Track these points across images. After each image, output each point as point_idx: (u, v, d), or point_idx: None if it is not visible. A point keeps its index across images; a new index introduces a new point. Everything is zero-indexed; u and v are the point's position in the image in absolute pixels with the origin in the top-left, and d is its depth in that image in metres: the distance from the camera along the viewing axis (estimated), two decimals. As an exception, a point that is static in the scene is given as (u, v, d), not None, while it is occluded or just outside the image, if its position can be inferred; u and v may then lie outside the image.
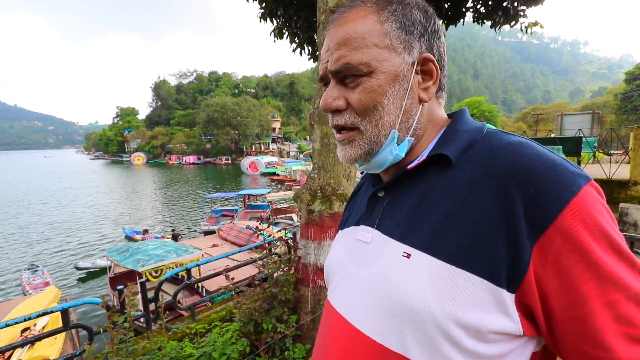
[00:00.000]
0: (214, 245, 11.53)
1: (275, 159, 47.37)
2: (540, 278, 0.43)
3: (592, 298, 0.41)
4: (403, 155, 0.57)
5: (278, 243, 3.76)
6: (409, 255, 0.50)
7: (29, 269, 11.03)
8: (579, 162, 10.40)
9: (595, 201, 0.44)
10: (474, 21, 4.46)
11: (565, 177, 0.44)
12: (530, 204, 0.43)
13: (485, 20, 4.34)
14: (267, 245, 3.98)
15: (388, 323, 0.50)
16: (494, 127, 0.60)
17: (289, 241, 3.43)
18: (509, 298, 0.44)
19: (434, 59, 0.55)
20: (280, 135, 73.79)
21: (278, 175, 37.05)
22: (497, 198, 0.46)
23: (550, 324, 0.44)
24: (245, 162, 42.95)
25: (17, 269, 11.97)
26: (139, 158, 73.30)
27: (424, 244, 0.50)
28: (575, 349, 0.44)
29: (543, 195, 0.43)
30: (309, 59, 4.86)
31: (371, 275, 0.55)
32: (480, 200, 0.47)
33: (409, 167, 0.56)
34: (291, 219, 15.08)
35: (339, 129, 0.58)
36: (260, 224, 13.35)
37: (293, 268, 2.85)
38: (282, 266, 2.90)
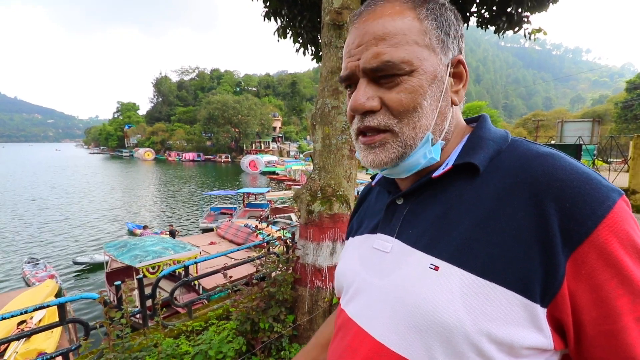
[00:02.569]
0: (212, 243, 11.52)
1: (275, 158, 47.34)
2: (573, 292, 0.42)
3: (625, 313, 0.41)
4: (438, 159, 0.54)
5: (276, 242, 3.77)
6: (436, 268, 0.48)
7: (29, 262, 11.07)
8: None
9: (628, 216, 0.44)
10: (477, 26, 4.47)
11: (600, 191, 0.43)
12: (566, 218, 0.42)
13: (489, 26, 4.35)
14: (265, 244, 3.98)
15: (415, 337, 0.48)
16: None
17: (287, 241, 3.43)
18: (541, 313, 0.43)
19: (465, 62, 0.55)
20: (280, 135, 73.70)
21: (278, 174, 37.02)
22: (530, 210, 0.45)
23: (580, 337, 0.44)
24: (245, 161, 42.91)
25: (16, 262, 12.01)
26: (148, 154, 71.66)
27: (453, 256, 0.48)
28: None
29: (578, 209, 0.42)
30: (312, 59, 4.86)
31: (394, 286, 0.52)
32: (512, 212, 0.46)
33: (434, 175, 0.54)
34: (290, 218, 15.08)
35: (368, 130, 0.54)
36: (259, 222, 13.35)
37: (291, 268, 2.85)
38: (281, 266, 2.89)
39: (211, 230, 14.16)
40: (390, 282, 0.54)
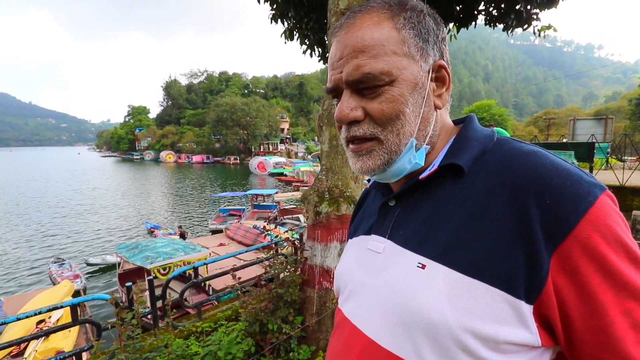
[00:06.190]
0: (221, 244, 11.61)
1: (283, 159, 47.47)
2: (558, 289, 0.43)
3: (611, 307, 0.41)
4: (422, 164, 0.56)
5: (285, 244, 3.78)
6: (423, 266, 0.50)
7: (55, 262, 11.40)
8: (591, 169, 10.19)
9: (611, 210, 0.44)
10: (485, 24, 4.42)
11: (582, 187, 0.44)
12: (547, 214, 0.43)
13: (497, 23, 4.30)
14: (274, 245, 3.99)
15: (403, 334, 0.49)
16: (505, 132, 0.59)
17: (295, 242, 3.44)
18: (527, 309, 0.44)
19: (447, 66, 0.55)
20: (288, 136, 73.79)
21: (286, 175, 37.11)
22: (512, 208, 0.45)
23: (569, 333, 0.44)
24: (254, 162, 43.15)
25: (41, 262, 12.54)
26: (170, 156, 71.36)
27: (439, 255, 0.49)
28: (594, 357, 0.43)
29: (560, 205, 0.43)
30: (319, 61, 4.87)
31: (384, 285, 0.54)
32: (495, 210, 0.47)
33: (420, 177, 0.56)
34: (298, 219, 15.11)
35: (354, 139, 0.55)
36: (267, 224, 13.40)
37: (299, 269, 2.86)
38: (289, 267, 2.90)
39: (220, 231, 14.28)
40: (381, 281, 0.56)
